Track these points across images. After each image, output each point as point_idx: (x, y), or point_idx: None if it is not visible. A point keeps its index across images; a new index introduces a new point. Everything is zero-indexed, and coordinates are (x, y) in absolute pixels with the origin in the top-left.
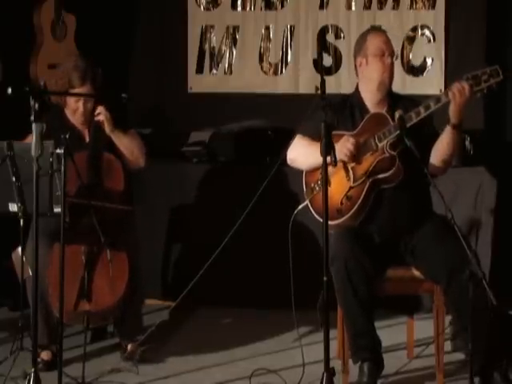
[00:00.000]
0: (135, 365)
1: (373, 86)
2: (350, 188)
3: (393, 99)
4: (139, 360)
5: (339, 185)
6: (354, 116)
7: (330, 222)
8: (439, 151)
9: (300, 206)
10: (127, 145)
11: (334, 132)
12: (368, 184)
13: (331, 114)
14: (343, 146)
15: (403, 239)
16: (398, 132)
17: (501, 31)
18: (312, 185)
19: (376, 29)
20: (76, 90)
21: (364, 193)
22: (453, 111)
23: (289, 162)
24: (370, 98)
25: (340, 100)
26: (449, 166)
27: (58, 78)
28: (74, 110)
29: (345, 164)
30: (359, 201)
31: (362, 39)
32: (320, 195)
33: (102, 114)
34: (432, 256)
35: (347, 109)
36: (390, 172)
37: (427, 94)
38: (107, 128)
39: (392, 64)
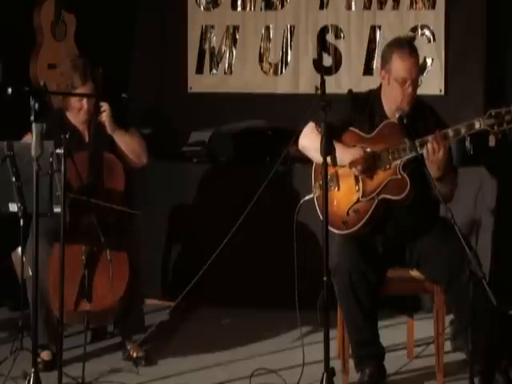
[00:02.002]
0: (136, 365)
1: (391, 104)
2: (358, 200)
3: (415, 109)
4: (141, 362)
5: (348, 193)
6: (372, 118)
7: (334, 230)
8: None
9: (307, 197)
10: (129, 143)
11: (350, 128)
12: (377, 202)
13: (350, 111)
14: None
15: (408, 247)
16: (414, 154)
17: (501, 31)
18: (321, 181)
19: (404, 46)
20: (79, 90)
21: (372, 210)
22: (430, 168)
23: (300, 147)
24: (389, 110)
25: (364, 97)
26: (450, 199)
27: (58, 82)
28: (79, 108)
29: None
30: (366, 217)
31: (388, 55)
32: (329, 194)
33: (105, 114)
34: (434, 258)
35: (367, 109)
36: (401, 196)
37: (427, 94)
38: (109, 128)
39: (413, 92)
